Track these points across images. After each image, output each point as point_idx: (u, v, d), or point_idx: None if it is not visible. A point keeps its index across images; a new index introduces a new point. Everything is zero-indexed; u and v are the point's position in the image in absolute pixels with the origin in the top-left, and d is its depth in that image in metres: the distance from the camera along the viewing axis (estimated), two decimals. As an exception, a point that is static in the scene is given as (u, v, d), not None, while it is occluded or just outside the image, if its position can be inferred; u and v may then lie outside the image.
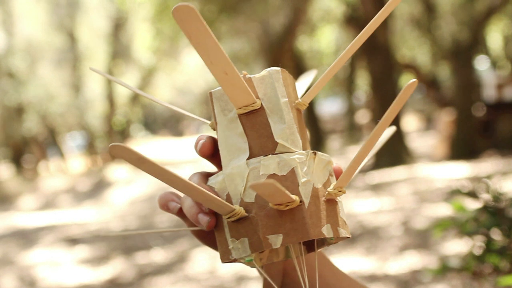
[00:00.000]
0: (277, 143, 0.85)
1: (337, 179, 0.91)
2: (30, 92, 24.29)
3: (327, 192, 0.85)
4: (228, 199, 0.85)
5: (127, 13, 24.34)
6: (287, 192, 0.76)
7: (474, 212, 3.98)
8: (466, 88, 14.04)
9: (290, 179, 0.83)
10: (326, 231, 0.83)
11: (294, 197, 0.81)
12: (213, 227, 0.87)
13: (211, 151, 0.90)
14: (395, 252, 6.54)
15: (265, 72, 0.88)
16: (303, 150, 0.86)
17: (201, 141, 0.90)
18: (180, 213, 0.94)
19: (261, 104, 0.87)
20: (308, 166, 0.84)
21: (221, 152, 0.88)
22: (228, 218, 0.84)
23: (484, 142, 13.66)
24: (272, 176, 0.83)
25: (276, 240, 0.81)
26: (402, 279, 5.65)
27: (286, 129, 0.85)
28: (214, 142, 0.90)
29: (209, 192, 0.79)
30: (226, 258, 0.86)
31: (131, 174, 20.96)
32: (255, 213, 0.82)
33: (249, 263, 0.88)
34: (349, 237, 0.87)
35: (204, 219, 0.86)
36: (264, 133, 0.86)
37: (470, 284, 4.81)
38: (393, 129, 1.02)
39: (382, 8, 0.84)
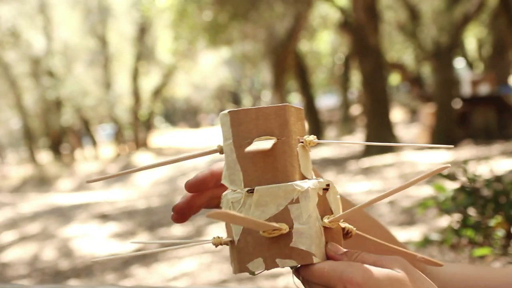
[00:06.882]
0: None
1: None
2: (67, 89, 24.37)
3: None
4: None
5: (151, 19, 24.35)
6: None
7: (452, 192, 3.99)
8: (445, 85, 14.01)
9: None
10: (254, 265, 0.82)
11: (225, 237, 0.85)
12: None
13: (186, 216, 0.99)
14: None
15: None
16: (258, 184, 0.83)
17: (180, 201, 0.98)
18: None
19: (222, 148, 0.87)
20: (243, 204, 0.82)
21: None
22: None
23: (461, 132, 13.63)
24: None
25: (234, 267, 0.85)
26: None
27: (226, 170, 0.85)
28: (190, 201, 0.98)
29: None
30: None
31: (154, 160, 20.98)
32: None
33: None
34: (296, 266, 0.83)
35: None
36: None
37: (448, 255, 4.81)
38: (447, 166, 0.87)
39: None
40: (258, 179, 0.83)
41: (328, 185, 0.86)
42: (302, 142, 0.86)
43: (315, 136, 0.87)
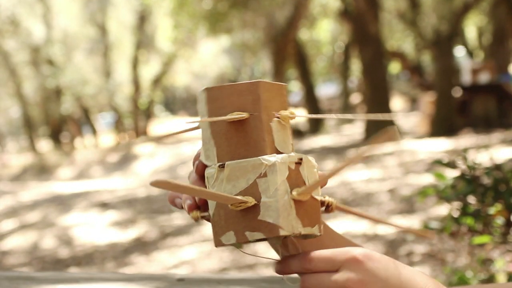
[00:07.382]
0: None
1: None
2: (66, 77, 24.35)
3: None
4: None
5: (151, 7, 24.30)
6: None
7: (452, 180, 3.98)
8: (445, 73, 14.00)
9: None
10: (226, 239, 0.84)
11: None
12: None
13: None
14: (384, 215, 6.54)
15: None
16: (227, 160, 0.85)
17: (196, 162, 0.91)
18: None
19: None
20: (216, 179, 0.84)
21: None
22: None
23: (461, 121, 13.63)
24: None
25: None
26: (390, 239, 5.66)
27: (202, 146, 0.87)
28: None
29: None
30: None
31: (154, 148, 21.00)
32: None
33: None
34: (265, 239, 0.84)
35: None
36: None
37: (448, 243, 4.82)
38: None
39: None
40: (231, 154, 0.85)
41: (301, 159, 0.86)
42: (278, 118, 0.87)
43: (292, 112, 0.88)
